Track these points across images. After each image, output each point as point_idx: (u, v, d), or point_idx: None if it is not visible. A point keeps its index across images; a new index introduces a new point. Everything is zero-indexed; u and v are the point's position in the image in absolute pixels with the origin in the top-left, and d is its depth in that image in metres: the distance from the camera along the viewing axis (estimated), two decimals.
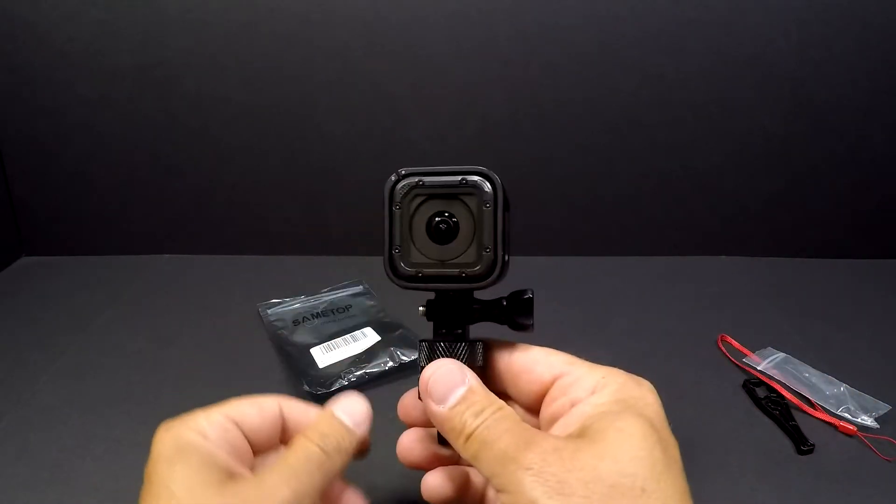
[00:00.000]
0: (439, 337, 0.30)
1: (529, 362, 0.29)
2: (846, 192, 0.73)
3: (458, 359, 0.28)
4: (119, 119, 0.70)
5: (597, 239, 0.76)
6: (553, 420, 0.27)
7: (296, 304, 0.62)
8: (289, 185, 0.73)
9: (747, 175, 0.73)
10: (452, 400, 0.26)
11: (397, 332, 0.56)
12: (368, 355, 0.53)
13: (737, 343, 0.56)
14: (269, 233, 0.75)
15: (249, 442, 0.29)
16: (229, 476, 0.26)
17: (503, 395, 0.30)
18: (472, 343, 0.29)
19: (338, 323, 0.59)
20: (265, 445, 0.30)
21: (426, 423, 0.31)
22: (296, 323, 0.59)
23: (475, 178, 0.27)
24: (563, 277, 0.70)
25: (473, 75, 0.68)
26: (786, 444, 0.45)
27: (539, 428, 0.28)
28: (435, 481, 0.30)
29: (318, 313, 0.61)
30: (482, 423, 0.25)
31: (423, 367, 0.28)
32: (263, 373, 0.53)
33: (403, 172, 0.28)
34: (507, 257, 0.28)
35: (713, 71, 0.68)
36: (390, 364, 0.52)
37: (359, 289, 0.66)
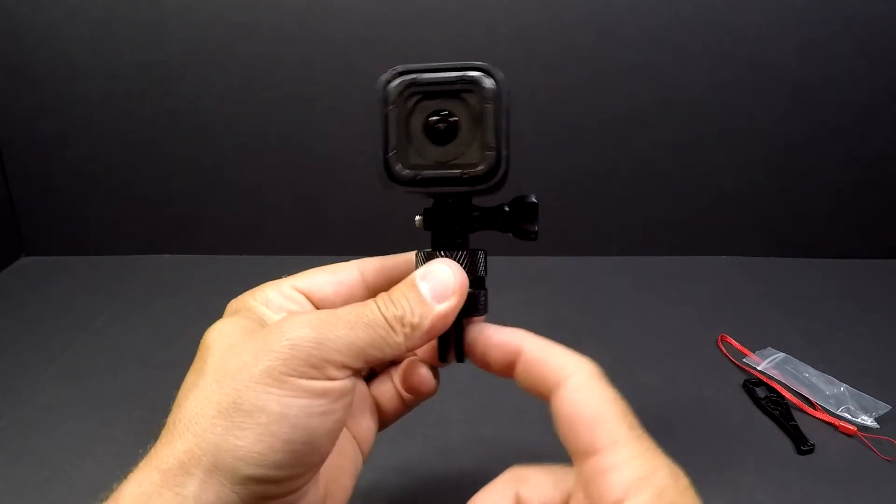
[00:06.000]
0: (438, 247, 0.27)
1: (573, 414, 0.24)
2: (846, 192, 0.73)
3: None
4: (119, 119, 0.70)
5: (597, 239, 0.76)
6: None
7: None
8: (288, 184, 0.73)
9: (747, 175, 0.72)
10: None
11: None
12: None
13: (737, 343, 0.56)
14: (269, 233, 0.75)
15: (319, 308, 0.28)
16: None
17: None
18: (472, 252, 0.27)
19: None
20: None
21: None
22: None
23: (475, 73, 0.25)
24: (564, 277, 0.70)
25: None
26: (786, 444, 0.45)
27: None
28: None
29: None
30: None
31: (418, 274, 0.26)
32: None
33: (399, 70, 0.26)
34: (509, 157, 0.26)
35: (713, 71, 0.68)
36: None
37: None
